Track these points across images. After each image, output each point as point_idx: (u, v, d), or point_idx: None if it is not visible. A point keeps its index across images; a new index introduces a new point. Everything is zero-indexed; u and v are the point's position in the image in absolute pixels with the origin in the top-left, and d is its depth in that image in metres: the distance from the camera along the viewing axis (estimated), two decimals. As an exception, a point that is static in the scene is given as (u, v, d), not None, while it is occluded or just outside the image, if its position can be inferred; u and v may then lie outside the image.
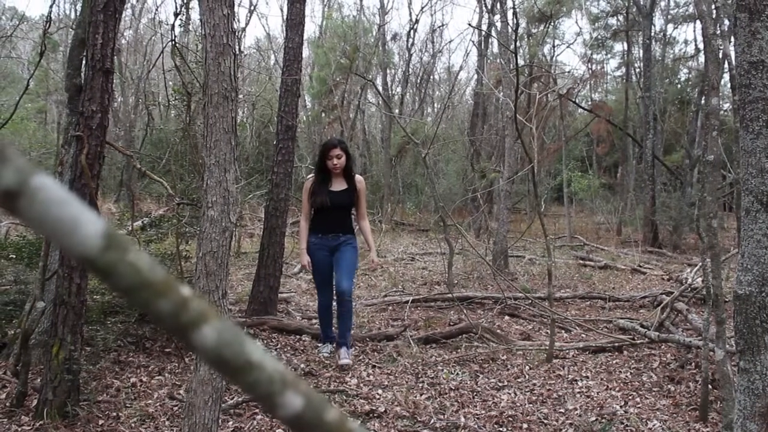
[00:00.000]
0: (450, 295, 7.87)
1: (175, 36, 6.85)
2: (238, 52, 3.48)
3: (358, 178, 5.72)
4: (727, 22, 7.77)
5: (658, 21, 22.43)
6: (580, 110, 25.19)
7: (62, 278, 3.96)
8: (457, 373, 5.44)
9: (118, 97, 21.82)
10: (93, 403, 4.21)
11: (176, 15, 7.44)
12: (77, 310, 3.96)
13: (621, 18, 23.13)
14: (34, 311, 4.25)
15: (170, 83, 15.85)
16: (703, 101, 16.89)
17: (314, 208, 5.62)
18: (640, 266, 12.36)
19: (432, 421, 4.34)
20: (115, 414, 4.16)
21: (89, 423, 3.96)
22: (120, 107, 21.97)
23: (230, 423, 4.14)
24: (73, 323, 3.94)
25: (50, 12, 5.83)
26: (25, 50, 28.30)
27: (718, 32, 5.86)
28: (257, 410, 4.36)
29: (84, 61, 4.27)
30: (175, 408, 4.32)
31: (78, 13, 6.47)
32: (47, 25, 5.74)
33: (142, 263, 0.35)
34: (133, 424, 4.03)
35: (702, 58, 20.48)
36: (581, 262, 12.78)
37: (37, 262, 5.15)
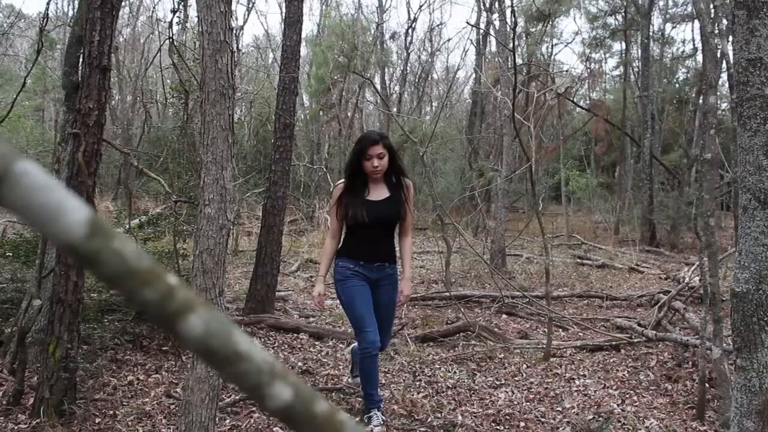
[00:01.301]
0: (447, 294, 7.87)
1: (172, 33, 6.84)
2: (235, 50, 3.47)
3: (407, 183, 4.22)
4: (725, 21, 7.76)
5: (657, 20, 22.51)
6: (578, 109, 25.19)
7: (59, 276, 3.95)
8: (455, 372, 5.43)
9: (116, 95, 21.79)
10: (90, 401, 4.20)
11: (174, 12, 7.43)
12: (74, 308, 3.96)
13: (619, 17, 23.14)
14: (31, 309, 4.24)
15: (168, 81, 15.83)
16: (701, 101, 16.90)
17: (347, 225, 4.14)
18: (638, 265, 12.37)
19: (429, 419, 4.33)
20: (111, 412, 4.15)
21: (86, 421, 3.95)
22: (117, 105, 21.94)
23: (227, 421, 4.13)
24: (69, 321, 3.93)
25: (47, 9, 5.82)
26: (22, 48, 28.31)
27: (716, 31, 5.86)
28: (254, 408, 4.36)
29: (81, 59, 4.26)
30: (172, 406, 4.31)
31: (75, 11, 6.46)
32: (44, 23, 5.72)
33: (127, 251, 0.34)
34: (129, 423, 4.03)
35: (700, 58, 20.49)
36: (579, 261, 12.79)
37: (33, 260, 5.14)
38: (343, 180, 4.22)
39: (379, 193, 4.12)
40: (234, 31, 4.04)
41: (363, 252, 4.08)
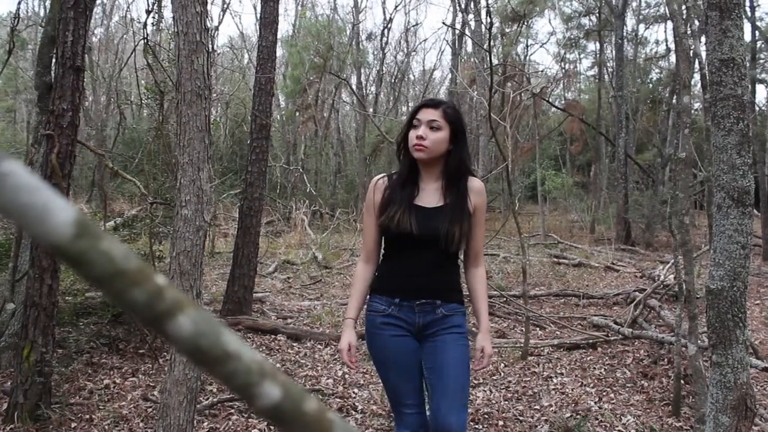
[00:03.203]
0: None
1: (147, 34, 6.79)
2: (211, 50, 3.45)
3: (476, 186, 2.67)
4: (697, 22, 7.87)
5: (630, 21, 22.73)
6: (553, 109, 25.40)
7: (33, 279, 3.90)
8: (433, 371, 5.43)
9: (90, 96, 21.57)
10: (65, 405, 4.15)
11: (148, 12, 7.37)
12: (48, 312, 3.91)
13: (593, 18, 23.32)
14: (4, 313, 4.19)
15: (143, 82, 15.70)
16: (674, 100, 17.11)
17: (386, 240, 2.71)
18: (614, 264, 12.48)
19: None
20: (88, 416, 4.10)
21: (61, 426, 3.91)
22: (91, 106, 21.72)
23: (205, 424, 4.11)
24: (44, 325, 3.89)
25: (18, 9, 5.75)
26: (-7, 48, 27.89)
27: (689, 32, 5.93)
28: (232, 411, 4.33)
29: (54, 59, 4.21)
30: (150, 409, 4.28)
31: (47, 10, 6.39)
32: (15, 23, 5.65)
33: (115, 251, 0.34)
34: (106, 427, 3.98)
35: (673, 58, 20.78)
36: (555, 260, 12.86)
37: (6, 263, 5.07)
38: (383, 175, 2.79)
39: (433, 196, 2.64)
40: (210, 32, 4.01)
41: (401, 283, 2.65)
